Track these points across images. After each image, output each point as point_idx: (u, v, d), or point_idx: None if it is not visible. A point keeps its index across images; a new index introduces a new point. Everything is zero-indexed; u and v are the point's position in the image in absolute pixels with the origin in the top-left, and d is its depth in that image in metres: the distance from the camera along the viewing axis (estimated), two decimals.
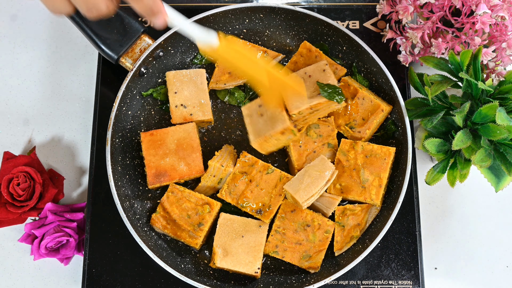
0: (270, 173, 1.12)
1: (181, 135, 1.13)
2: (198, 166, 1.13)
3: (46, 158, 1.23)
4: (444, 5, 1.08)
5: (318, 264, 1.10)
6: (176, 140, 1.13)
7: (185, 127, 1.14)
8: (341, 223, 1.12)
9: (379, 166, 1.10)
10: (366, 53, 1.15)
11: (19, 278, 1.17)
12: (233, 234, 1.09)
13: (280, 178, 1.12)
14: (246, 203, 1.11)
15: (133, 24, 1.14)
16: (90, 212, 1.15)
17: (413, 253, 1.14)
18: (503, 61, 1.09)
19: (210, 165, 1.11)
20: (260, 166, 1.12)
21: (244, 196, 1.11)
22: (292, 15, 1.18)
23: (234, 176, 1.12)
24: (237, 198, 1.11)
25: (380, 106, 1.13)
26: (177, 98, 1.15)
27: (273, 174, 1.12)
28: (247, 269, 1.08)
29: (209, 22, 1.18)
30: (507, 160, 1.00)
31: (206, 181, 1.13)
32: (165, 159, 1.12)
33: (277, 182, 1.12)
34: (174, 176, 1.11)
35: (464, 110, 1.00)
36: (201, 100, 1.16)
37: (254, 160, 1.12)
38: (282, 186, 1.11)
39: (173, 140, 1.13)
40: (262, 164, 1.12)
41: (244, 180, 1.12)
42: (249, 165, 1.12)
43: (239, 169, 1.12)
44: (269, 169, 1.12)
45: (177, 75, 1.16)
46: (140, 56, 1.13)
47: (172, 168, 1.12)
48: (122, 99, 1.13)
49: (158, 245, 1.11)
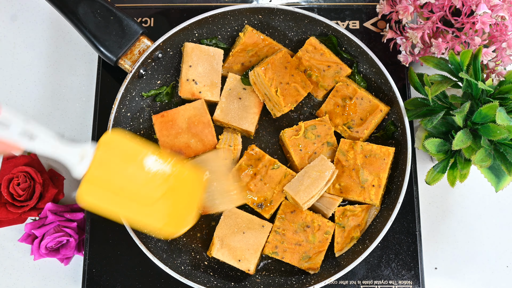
0: (276, 168, 1.12)
1: (191, 112, 1.14)
2: (211, 140, 1.14)
3: (46, 158, 1.23)
4: (444, 5, 1.08)
5: (317, 265, 1.10)
6: (187, 118, 1.14)
7: (194, 104, 1.15)
8: (341, 224, 1.12)
9: (378, 166, 1.10)
10: (365, 53, 1.15)
11: (19, 278, 1.17)
12: (235, 228, 1.10)
13: (285, 175, 1.12)
14: (248, 195, 1.11)
15: (132, 26, 1.13)
16: (90, 212, 1.15)
17: (413, 253, 1.14)
18: (503, 61, 1.09)
19: (219, 149, 1.12)
20: (266, 161, 1.12)
21: (247, 188, 1.11)
22: (291, 16, 1.18)
23: (239, 168, 1.12)
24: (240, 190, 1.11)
25: (379, 106, 1.13)
26: (191, 72, 1.15)
27: (278, 170, 1.12)
28: (241, 265, 1.08)
29: (208, 24, 1.18)
30: (507, 160, 1.00)
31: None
32: (179, 138, 1.13)
33: (282, 179, 1.12)
34: (189, 154, 1.13)
35: (464, 110, 1.00)
36: (213, 80, 1.16)
37: (261, 154, 1.13)
38: (286, 183, 1.11)
39: (184, 119, 1.14)
40: (269, 159, 1.12)
41: (249, 172, 1.12)
42: (256, 158, 1.13)
43: (245, 162, 1.12)
44: (275, 164, 1.12)
45: (196, 49, 1.16)
46: (139, 58, 1.13)
47: (186, 146, 1.13)
48: (121, 100, 1.13)
49: (158, 247, 1.11)
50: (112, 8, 1.13)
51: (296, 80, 1.13)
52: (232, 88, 1.16)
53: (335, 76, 1.17)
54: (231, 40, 1.22)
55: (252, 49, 1.17)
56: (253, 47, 1.17)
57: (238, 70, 1.19)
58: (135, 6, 1.27)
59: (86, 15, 1.12)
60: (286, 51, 1.18)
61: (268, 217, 1.11)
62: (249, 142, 1.19)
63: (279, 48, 1.18)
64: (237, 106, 1.15)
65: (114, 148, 0.95)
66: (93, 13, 1.12)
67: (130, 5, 1.27)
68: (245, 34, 1.16)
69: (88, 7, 1.12)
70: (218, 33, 1.21)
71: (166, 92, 1.19)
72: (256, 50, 1.18)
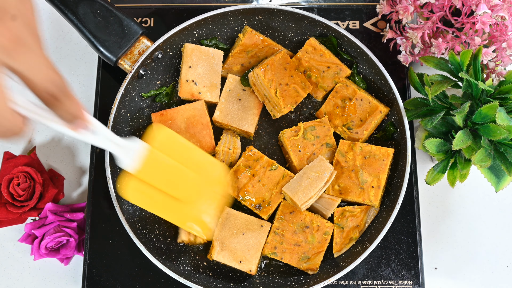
0: (274, 170, 1.12)
1: (190, 113, 1.14)
2: (209, 142, 1.14)
3: (46, 158, 1.23)
4: (444, 5, 1.07)
5: (316, 266, 1.10)
6: (186, 118, 1.13)
7: (194, 105, 1.14)
8: (340, 225, 1.12)
9: (377, 167, 1.10)
10: (365, 54, 1.15)
11: (19, 278, 1.17)
12: (233, 229, 1.10)
13: (283, 176, 1.12)
14: (246, 196, 1.11)
15: (131, 26, 1.13)
16: (90, 212, 1.15)
17: (413, 253, 1.14)
18: (503, 61, 1.09)
19: (218, 151, 1.12)
20: (264, 162, 1.12)
21: (245, 189, 1.11)
22: (290, 17, 1.18)
23: (237, 169, 1.12)
24: (238, 191, 1.11)
25: (378, 107, 1.13)
26: (190, 73, 1.15)
27: (277, 171, 1.12)
28: (242, 267, 1.08)
29: (208, 24, 1.18)
30: (507, 160, 1.00)
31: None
32: None
33: (280, 180, 1.12)
34: None
35: (464, 110, 1.00)
36: (213, 81, 1.16)
37: (259, 155, 1.13)
38: (284, 184, 1.11)
39: (183, 119, 1.13)
40: (267, 160, 1.12)
41: (247, 174, 1.12)
42: (254, 159, 1.12)
43: (243, 163, 1.12)
44: (273, 166, 1.12)
45: (196, 50, 1.16)
46: (138, 58, 1.13)
47: None
48: (121, 101, 1.13)
49: (157, 247, 1.11)
50: (112, 9, 1.13)
51: (296, 81, 1.13)
52: (232, 89, 1.16)
53: (335, 77, 1.17)
54: (231, 40, 1.22)
55: (251, 50, 1.17)
56: (253, 48, 1.17)
57: (238, 71, 1.19)
58: (136, 6, 1.27)
59: (86, 15, 1.12)
60: (286, 52, 1.18)
61: (266, 218, 1.11)
62: (248, 143, 1.19)
63: (279, 49, 1.18)
64: (237, 107, 1.15)
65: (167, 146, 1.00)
66: (93, 13, 1.12)
67: (131, 5, 1.27)
68: (244, 35, 1.16)
69: (88, 7, 1.12)
70: (218, 33, 1.21)
71: (165, 92, 1.19)
72: (255, 51, 1.18)
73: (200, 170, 1.04)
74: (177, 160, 1.01)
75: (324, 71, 1.17)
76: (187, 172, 1.02)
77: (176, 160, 1.01)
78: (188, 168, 1.02)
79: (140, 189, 0.98)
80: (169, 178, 1.01)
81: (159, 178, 0.99)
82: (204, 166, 1.06)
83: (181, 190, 1.02)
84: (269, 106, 1.15)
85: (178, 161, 1.01)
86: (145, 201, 1.01)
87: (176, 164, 1.01)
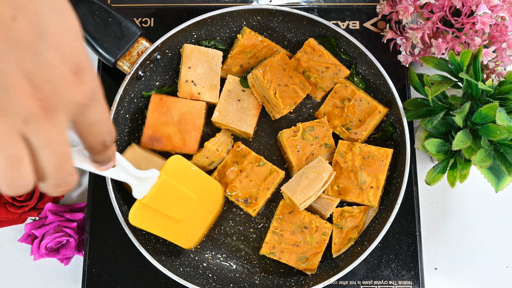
0: (261, 165, 1.12)
1: (187, 109, 1.14)
2: (192, 144, 1.13)
3: None
4: (444, 5, 1.07)
5: (314, 266, 1.10)
6: (181, 112, 1.13)
7: (195, 103, 1.14)
8: (339, 225, 1.12)
9: (376, 168, 1.10)
10: (364, 54, 1.14)
11: (19, 278, 1.18)
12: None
13: (271, 172, 1.12)
14: (233, 192, 1.12)
15: (130, 27, 1.13)
16: (90, 212, 1.15)
17: (413, 253, 1.14)
18: (503, 61, 1.09)
19: (206, 147, 1.12)
20: (252, 158, 1.12)
21: (232, 185, 1.12)
22: (289, 17, 1.18)
23: (225, 164, 1.13)
24: (225, 186, 1.12)
25: (377, 108, 1.13)
26: (190, 73, 1.15)
27: (264, 167, 1.12)
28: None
29: (207, 25, 1.18)
30: (507, 160, 1.00)
31: (198, 160, 1.13)
32: (165, 127, 1.12)
33: (267, 176, 1.12)
34: (167, 145, 1.12)
35: (464, 110, 1.00)
36: (213, 82, 1.16)
37: (247, 151, 1.13)
38: (271, 180, 1.12)
39: (178, 112, 1.13)
40: (255, 156, 1.12)
41: (234, 169, 1.12)
42: (242, 155, 1.13)
43: (231, 158, 1.13)
44: (261, 161, 1.12)
45: (195, 50, 1.16)
46: (137, 59, 1.13)
47: (168, 137, 1.12)
48: (119, 102, 1.13)
49: (157, 248, 1.11)
50: (111, 10, 1.12)
51: (295, 81, 1.13)
52: (231, 90, 1.16)
53: (334, 78, 1.17)
54: (230, 41, 1.22)
55: (250, 51, 1.17)
56: (252, 49, 1.17)
57: (237, 72, 1.19)
58: (136, 6, 1.27)
59: (85, 16, 1.11)
60: (285, 52, 1.17)
61: (254, 214, 1.12)
62: (247, 143, 1.19)
63: (278, 49, 1.18)
64: (236, 108, 1.15)
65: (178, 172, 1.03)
66: (92, 14, 1.12)
67: (130, 5, 1.27)
68: (243, 36, 1.16)
69: (87, 9, 1.12)
70: (217, 34, 1.21)
71: (166, 92, 1.19)
72: (254, 52, 1.17)
73: (200, 192, 1.07)
74: (182, 183, 1.04)
75: (323, 72, 1.17)
76: (190, 195, 1.05)
77: (181, 182, 1.04)
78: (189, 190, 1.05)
79: (148, 215, 1.01)
80: (174, 203, 1.03)
81: (166, 203, 1.02)
82: (204, 188, 1.08)
83: (181, 212, 1.05)
84: (269, 107, 1.15)
85: (182, 183, 1.04)
86: (150, 225, 1.04)
87: (182, 189, 1.04)
